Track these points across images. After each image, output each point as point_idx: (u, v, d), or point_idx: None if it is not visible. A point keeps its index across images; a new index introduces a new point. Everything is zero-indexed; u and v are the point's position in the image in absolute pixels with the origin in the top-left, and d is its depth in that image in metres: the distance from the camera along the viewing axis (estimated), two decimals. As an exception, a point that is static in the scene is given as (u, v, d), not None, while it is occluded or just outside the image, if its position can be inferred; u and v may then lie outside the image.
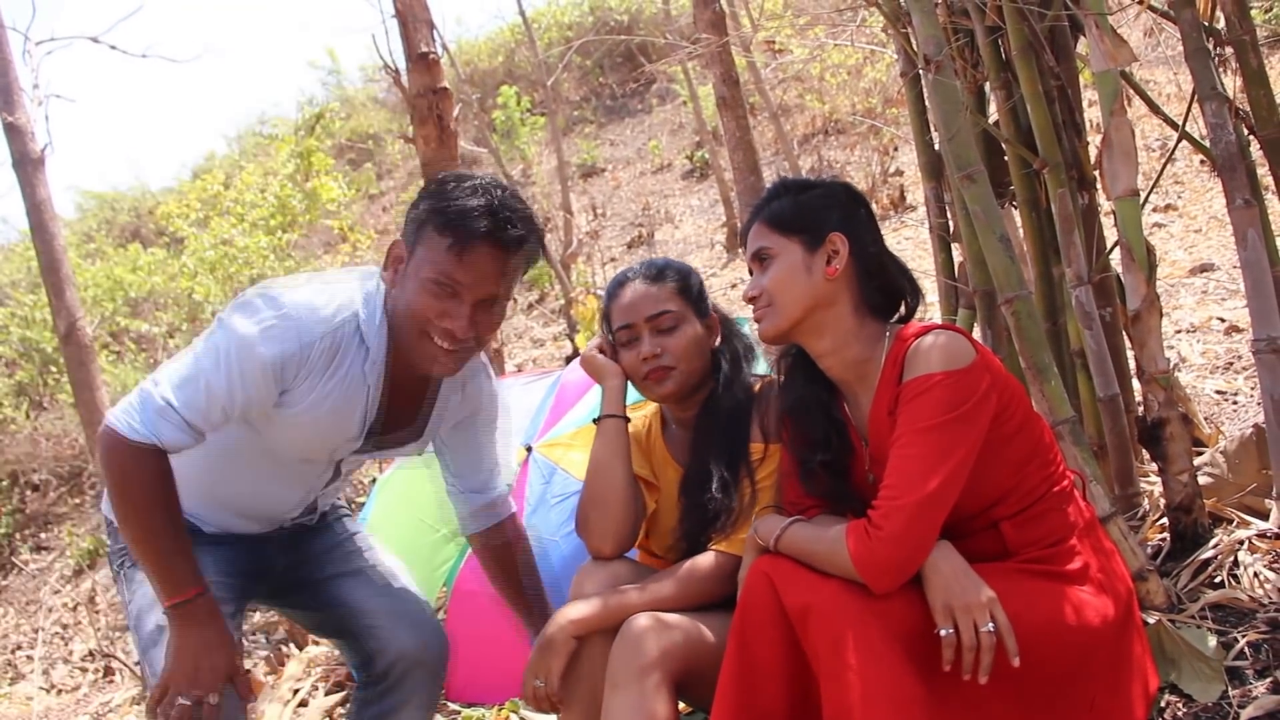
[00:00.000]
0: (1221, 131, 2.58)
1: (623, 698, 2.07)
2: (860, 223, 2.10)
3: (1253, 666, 2.15)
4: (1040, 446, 2.04)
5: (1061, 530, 2.02)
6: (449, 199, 2.05)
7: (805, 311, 2.07)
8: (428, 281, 2.06)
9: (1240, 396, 4.18)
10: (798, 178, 2.16)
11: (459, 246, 2.03)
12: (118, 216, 18.58)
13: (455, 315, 2.06)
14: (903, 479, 1.89)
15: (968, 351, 1.95)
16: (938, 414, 1.89)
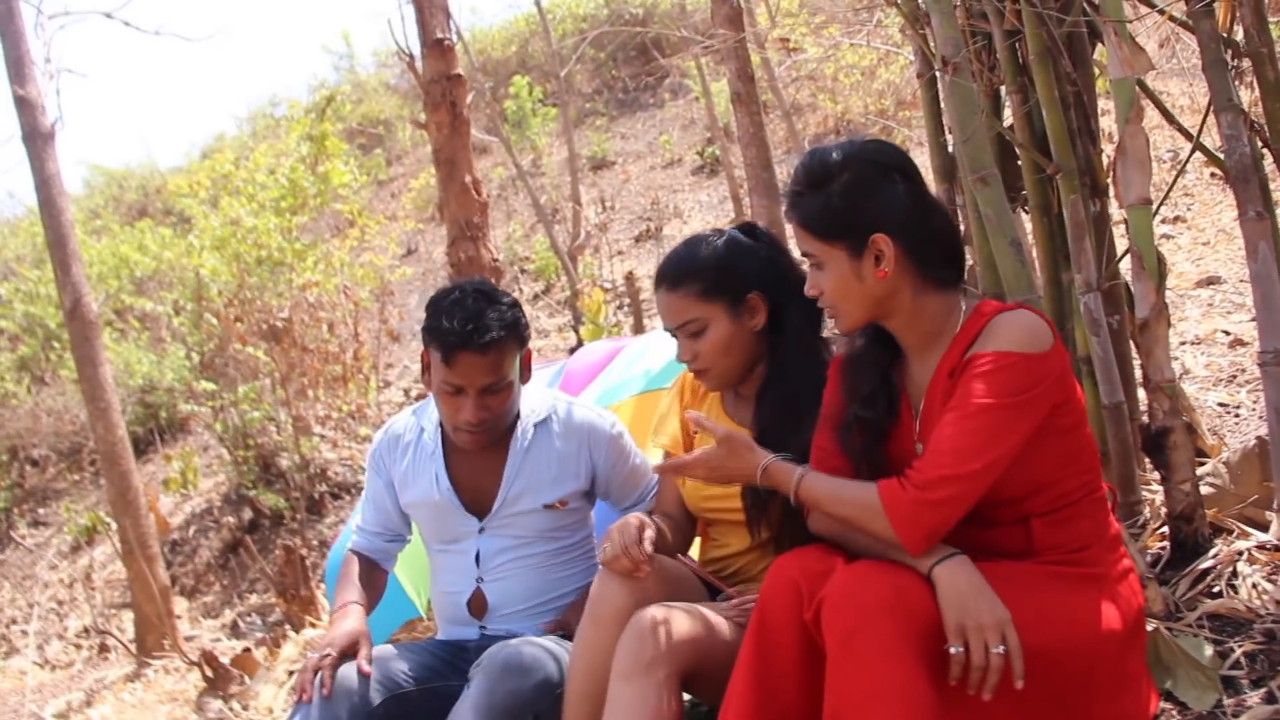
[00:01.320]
0: (1236, 143, 2.58)
1: (629, 690, 2.06)
2: (899, 204, 1.99)
3: (1248, 676, 2.15)
4: (1086, 450, 2.02)
5: (1088, 538, 2.00)
6: (434, 318, 2.50)
7: (868, 312, 2.05)
8: (437, 389, 2.53)
9: (1242, 410, 4.18)
10: (821, 159, 2.03)
11: (447, 359, 2.47)
12: (125, 194, 18.59)
13: (464, 408, 2.51)
14: (956, 449, 1.87)
15: (1047, 337, 1.93)
16: (1005, 394, 1.87)
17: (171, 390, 10.71)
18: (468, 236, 5.14)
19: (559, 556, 2.70)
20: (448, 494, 2.65)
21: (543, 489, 2.65)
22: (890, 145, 2.08)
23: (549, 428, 2.69)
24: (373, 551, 2.78)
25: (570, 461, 2.68)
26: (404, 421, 2.79)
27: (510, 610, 2.66)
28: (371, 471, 2.78)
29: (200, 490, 10.36)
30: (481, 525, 2.66)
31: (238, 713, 3.92)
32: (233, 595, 8.47)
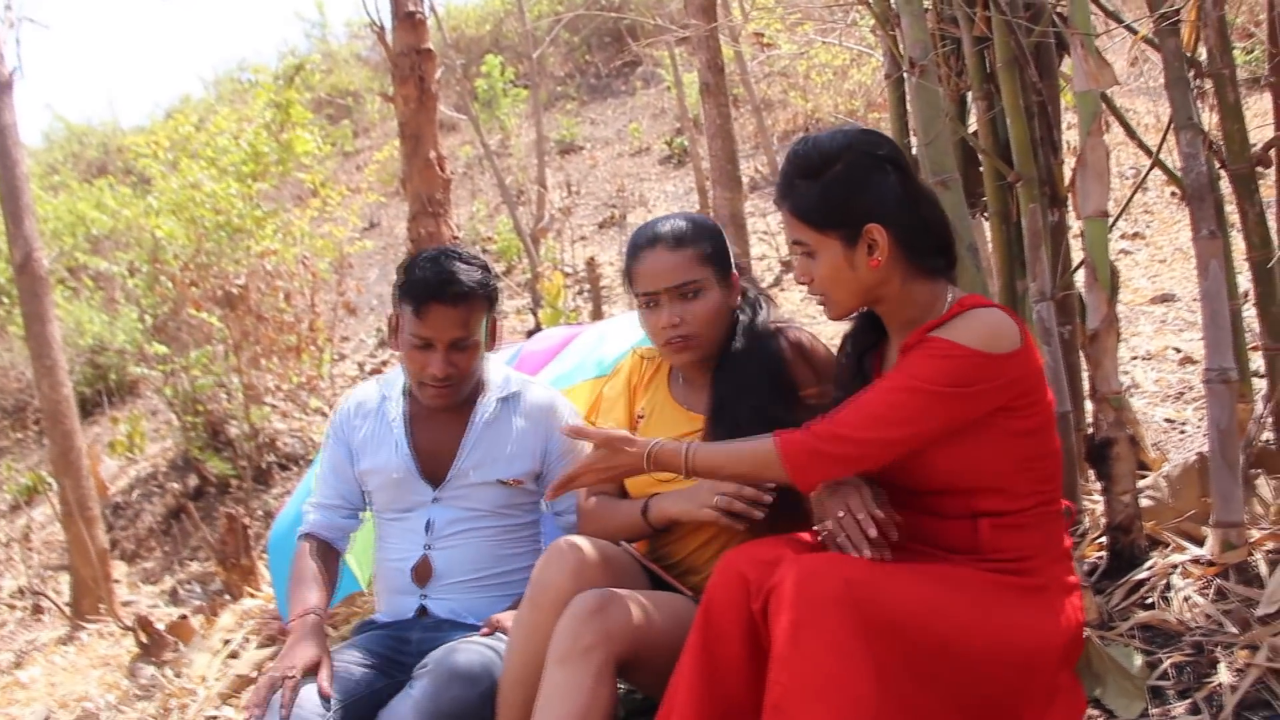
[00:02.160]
0: (1194, 162, 2.61)
1: (564, 674, 2.07)
2: (892, 194, 2.01)
3: (1174, 687, 2.18)
4: (1047, 459, 2.04)
5: (1036, 549, 2.02)
6: (410, 274, 2.60)
7: (859, 299, 2.09)
8: (408, 343, 2.60)
9: (1188, 426, 4.23)
10: (816, 148, 2.04)
11: (419, 310, 2.56)
12: (85, 151, 18.33)
13: (432, 363, 2.58)
14: (864, 415, 1.92)
15: (1011, 340, 1.94)
16: (937, 381, 1.90)
17: (122, 352, 10.57)
18: (429, 212, 5.11)
19: (508, 534, 2.70)
20: (407, 459, 2.67)
21: (498, 464, 2.67)
22: (882, 135, 2.10)
23: (512, 405, 2.73)
24: (329, 530, 2.74)
25: (528, 440, 2.70)
26: (367, 390, 2.83)
27: (453, 580, 2.65)
28: (332, 439, 2.78)
29: (146, 455, 10.24)
30: (436, 494, 2.66)
31: (170, 680, 3.88)
32: (174, 562, 8.38)
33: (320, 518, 2.75)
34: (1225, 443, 2.49)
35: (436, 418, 2.71)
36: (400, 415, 2.72)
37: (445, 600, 2.65)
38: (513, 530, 2.72)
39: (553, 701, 2.06)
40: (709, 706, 1.91)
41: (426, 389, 2.63)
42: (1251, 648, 2.19)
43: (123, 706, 3.71)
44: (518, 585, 2.66)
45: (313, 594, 2.56)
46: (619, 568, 2.33)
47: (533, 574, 2.28)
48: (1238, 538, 2.47)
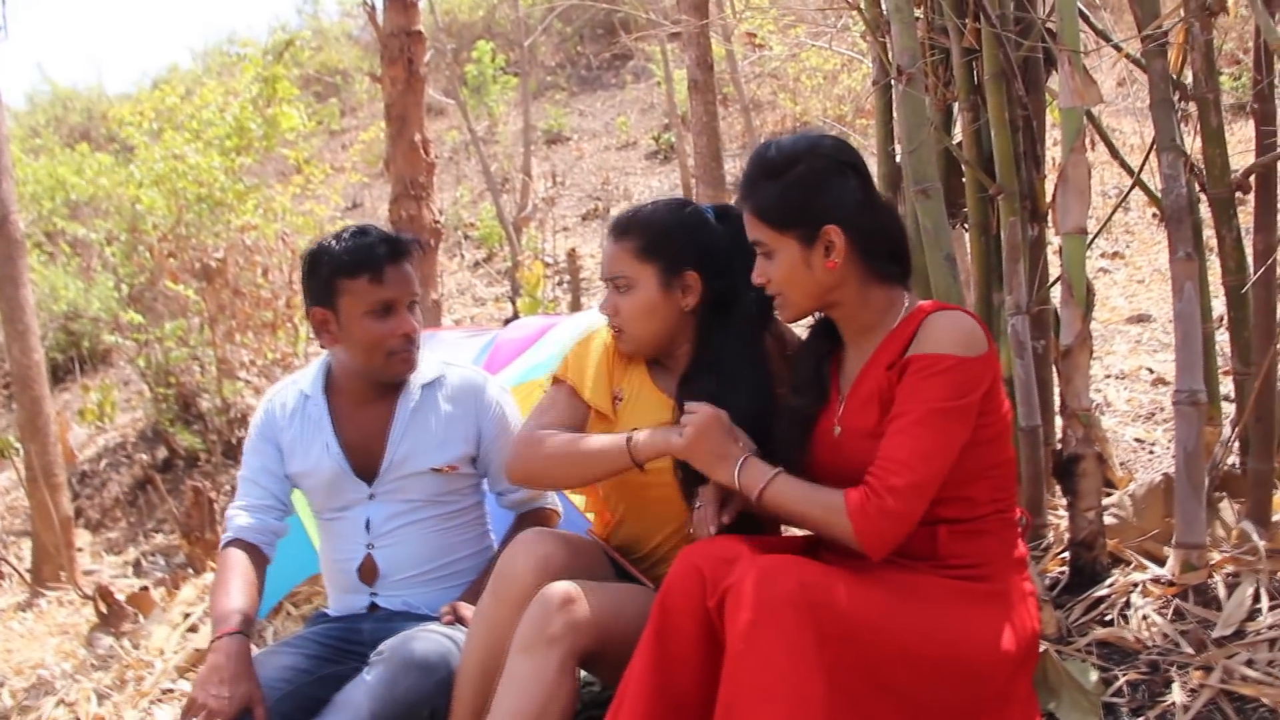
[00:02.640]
0: (1174, 183, 2.61)
1: (528, 663, 2.06)
2: (851, 198, 2.03)
3: (1128, 705, 2.20)
4: (1001, 467, 2.06)
5: (992, 556, 2.04)
6: (342, 253, 2.52)
7: (815, 301, 2.10)
8: (367, 315, 2.51)
9: (1158, 447, 4.25)
10: (778, 150, 2.06)
11: (378, 276, 2.50)
12: (69, 115, 18.18)
13: (400, 324, 2.53)
14: (910, 456, 1.91)
15: (982, 341, 1.97)
16: (948, 397, 1.91)
17: (97, 320, 10.50)
18: (411, 195, 5.09)
19: (450, 522, 2.68)
20: (338, 459, 2.61)
21: (430, 451, 2.62)
22: (844, 142, 2.13)
23: (436, 390, 2.68)
24: (260, 534, 2.61)
25: (457, 425, 2.66)
26: (286, 390, 2.74)
27: (401, 576, 2.64)
28: (259, 440, 2.68)
29: (116, 424, 10.19)
30: (371, 491, 2.63)
31: (128, 651, 3.86)
32: (138, 533, 8.34)
33: (252, 521, 2.61)
34: (1191, 464, 2.50)
35: (361, 412, 2.64)
36: (325, 414, 2.65)
37: (396, 595, 2.64)
38: (455, 517, 2.70)
39: (514, 690, 2.05)
40: (660, 701, 1.91)
41: (395, 358, 2.56)
42: (1206, 669, 2.20)
43: (78, 676, 3.68)
44: (468, 573, 2.68)
45: (238, 610, 2.42)
46: (584, 560, 2.32)
47: (497, 566, 2.27)
48: (1198, 559, 2.48)
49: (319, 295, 2.55)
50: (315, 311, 2.58)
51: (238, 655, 2.31)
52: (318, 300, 2.56)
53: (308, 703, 2.37)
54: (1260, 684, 2.13)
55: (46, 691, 3.61)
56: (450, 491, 2.67)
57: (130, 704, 3.25)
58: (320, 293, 2.55)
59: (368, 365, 2.58)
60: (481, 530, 2.75)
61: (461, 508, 2.71)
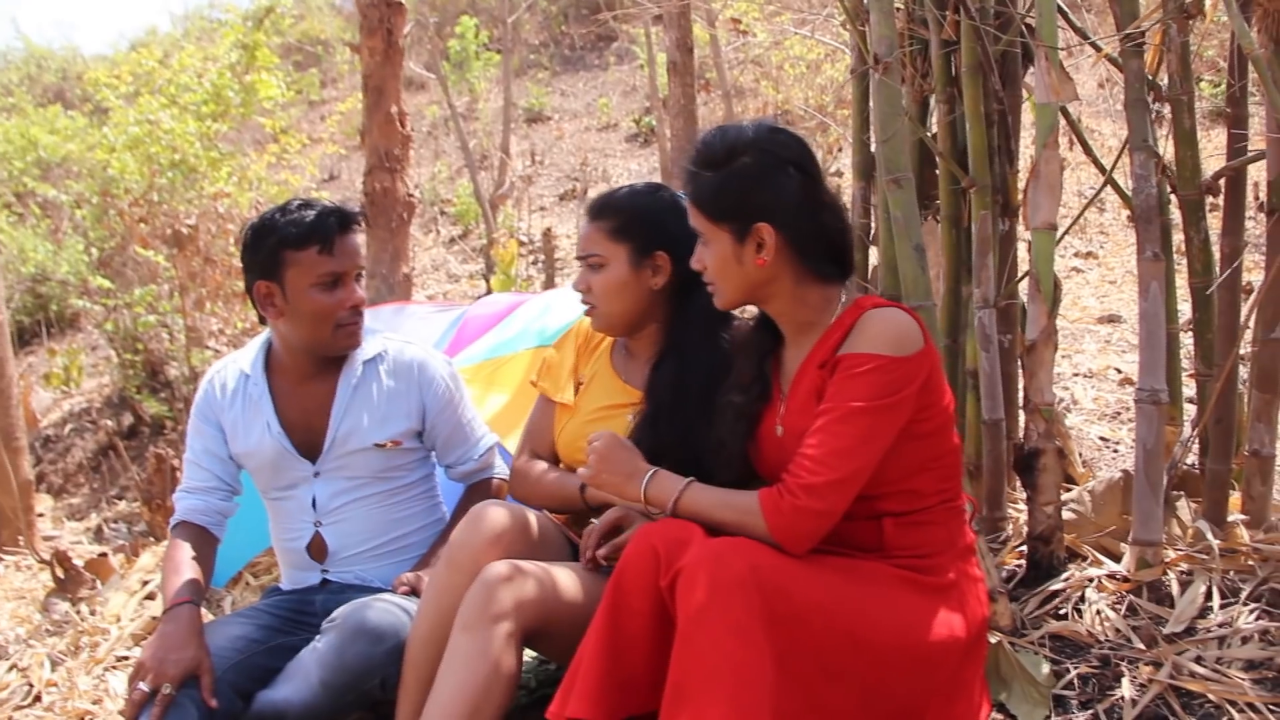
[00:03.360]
0: (1145, 183, 2.63)
1: (470, 641, 2.05)
2: (789, 196, 2.01)
3: (1078, 697, 2.21)
4: (945, 458, 2.06)
5: (939, 545, 2.04)
6: (288, 225, 2.47)
7: (745, 295, 2.09)
8: (315, 288, 2.48)
9: (1121, 446, 4.29)
10: (722, 140, 2.05)
11: (327, 247, 2.47)
12: (43, 75, 18.00)
13: (348, 295, 2.51)
14: (827, 454, 1.90)
15: (916, 339, 1.95)
16: (872, 396, 1.90)
17: (65, 283, 10.42)
18: (385, 167, 5.06)
19: (397, 496, 2.66)
20: (280, 438, 2.58)
21: (372, 427, 2.60)
22: (792, 136, 2.09)
23: (378, 365, 2.64)
24: (206, 515, 2.60)
25: (400, 400, 2.63)
26: (226, 369, 2.70)
27: (351, 553, 2.62)
28: (200, 421, 2.65)
29: (82, 390, 10.11)
30: (316, 469, 2.60)
31: (84, 617, 3.84)
32: (101, 500, 8.29)
33: (196, 503, 2.60)
34: (1150, 462, 2.52)
35: (303, 390, 2.61)
36: (265, 393, 2.61)
37: (348, 570, 2.63)
38: (402, 491, 2.67)
39: (456, 667, 2.05)
40: (611, 678, 1.91)
41: (342, 330, 2.53)
42: (1156, 664, 2.23)
43: (32, 641, 3.66)
44: (419, 547, 2.67)
45: (188, 583, 2.41)
46: (540, 536, 2.33)
47: (452, 535, 2.28)
48: (1154, 556, 2.50)
49: (264, 268, 2.50)
50: (259, 285, 2.52)
51: (187, 623, 2.31)
52: (263, 273, 2.51)
53: (258, 672, 2.36)
54: (1207, 680, 2.15)
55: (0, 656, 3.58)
56: (395, 467, 2.65)
57: (84, 670, 3.23)
58: (265, 265, 2.50)
59: (314, 339, 2.54)
60: (432, 503, 2.74)
61: (408, 482, 2.69)
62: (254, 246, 2.52)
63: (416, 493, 2.71)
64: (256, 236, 2.52)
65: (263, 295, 2.52)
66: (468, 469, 2.76)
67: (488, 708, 2.04)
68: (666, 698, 1.83)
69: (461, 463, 2.75)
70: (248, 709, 2.32)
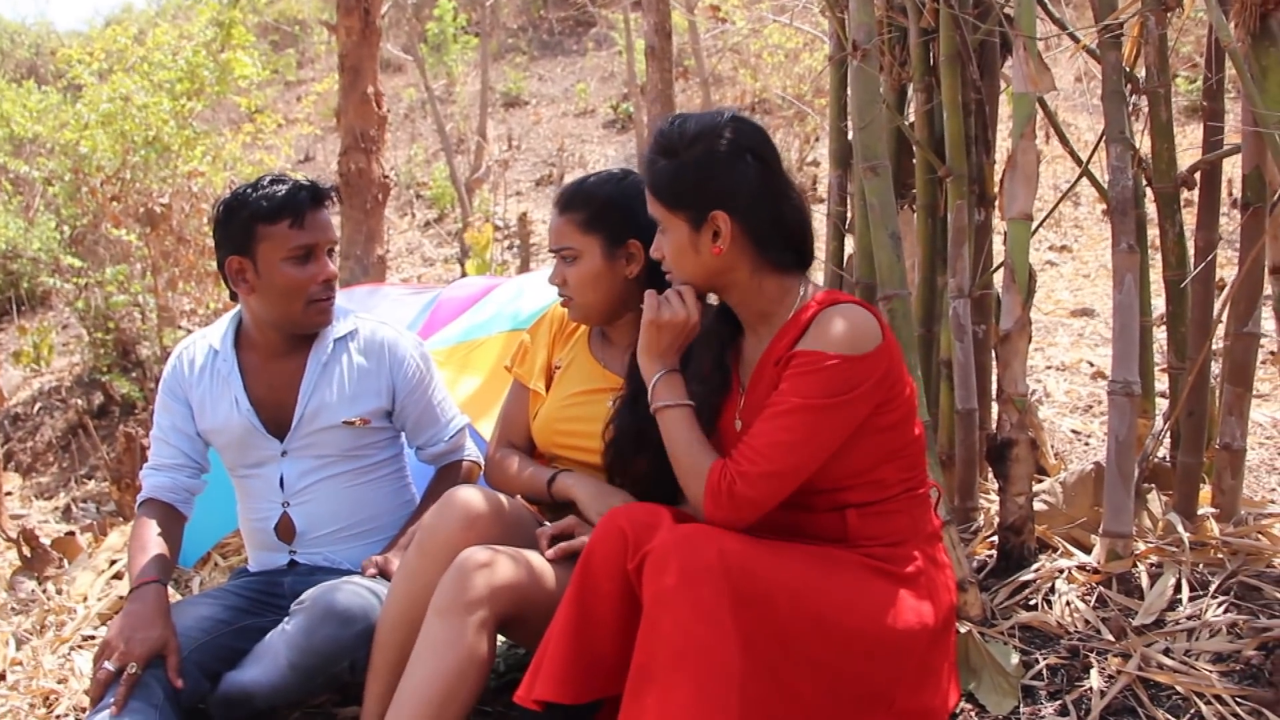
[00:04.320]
0: (1121, 175, 2.63)
1: (444, 627, 2.04)
2: (745, 185, 2.01)
3: (1047, 688, 2.22)
4: (908, 448, 2.06)
5: (905, 533, 2.05)
6: (260, 200, 2.47)
7: (702, 283, 2.09)
8: (287, 261, 2.47)
9: (1093, 439, 4.31)
10: (680, 128, 2.05)
11: (299, 220, 2.47)
12: (16, 50, 17.78)
13: (320, 270, 2.50)
14: (768, 447, 1.91)
15: (873, 336, 1.95)
16: (820, 395, 1.90)
17: (36, 261, 10.30)
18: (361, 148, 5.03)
19: (365, 476, 2.65)
20: (248, 415, 2.57)
21: (341, 404, 2.58)
22: (751, 125, 2.08)
23: (348, 344, 2.63)
24: (174, 492, 2.59)
25: (370, 378, 2.62)
26: (194, 346, 2.68)
27: (320, 533, 2.61)
28: (168, 398, 2.63)
29: (53, 368, 10.02)
30: (284, 448, 2.59)
31: (51, 596, 3.80)
32: (70, 479, 8.21)
33: (164, 480, 2.59)
34: (1122, 454, 2.52)
35: (272, 367, 2.60)
36: (234, 369, 2.60)
37: (316, 551, 2.62)
38: (370, 471, 2.66)
39: (430, 654, 2.04)
40: (578, 659, 1.91)
41: (315, 305, 2.52)
42: (1124, 656, 2.23)
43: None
44: (388, 528, 2.66)
45: (154, 561, 2.41)
46: (513, 522, 2.32)
47: (423, 519, 2.27)
48: (1124, 548, 2.51)
49: (236, 243, 2.50)
50: (232, 260, 2.51)
51: (154, 602, 2.30)
52: (235, 248, 2.50)
53: (226, 653, 2.34)
54: (1175, 672, 2.16)
55: (-36, 634, 3.54)
56: (364, 446, 2.63)
57: (50, 649, 3.20)
58: (238, 240, 2.49)
59: (286, 314, 2.53)
60: (401, 484, 2.73)
61: (377, 462, 2.67)
62: (226, 221, 2.51)
63: (385, 473, 2.69)
64: (228, 211, 2.51)
65: (234, 270, 2.51)
66: (438, 450, 2.74)
67: (461, 694, 2.03)
68: (631, 679, 1.83)
69: (432, 444, 2.73)
70: (214, 690, 2.31)
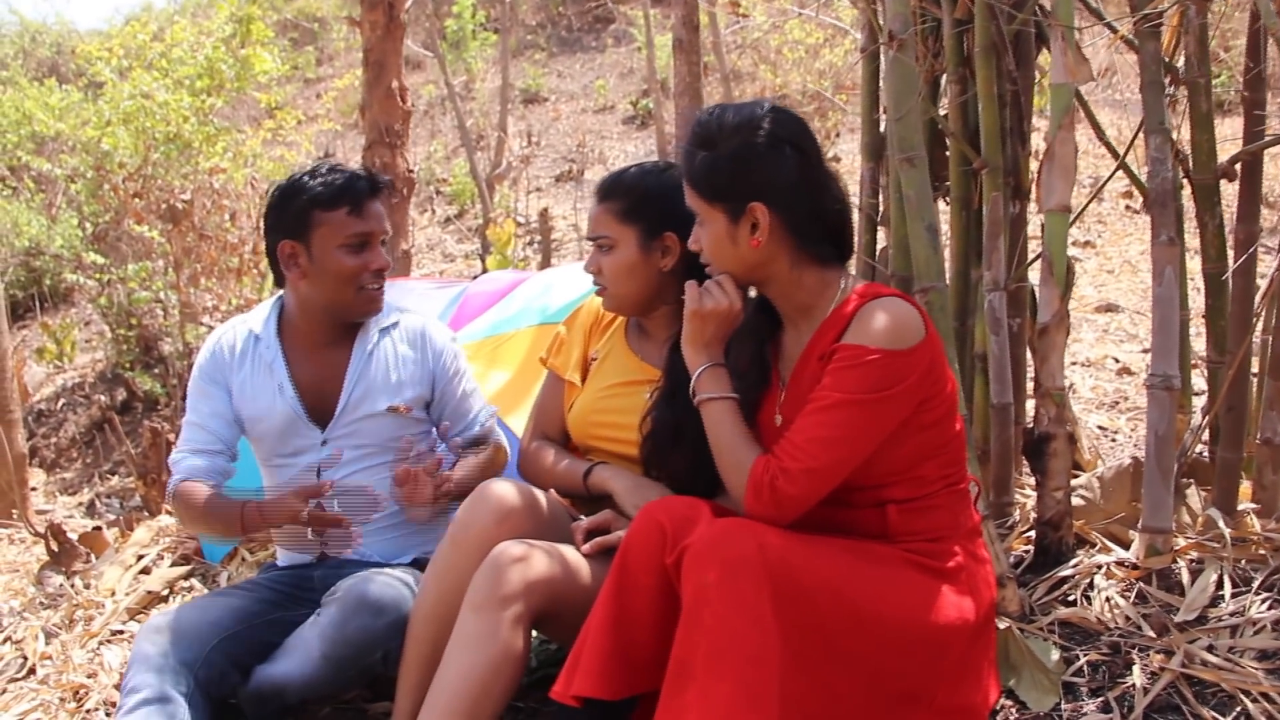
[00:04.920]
0: (1160, 166, 2.60)
1: (480, 622, 2.03)
2: (784, 177, 1.98)
3: (1088, 684, 2.19)
4: (952, 443, 2.04)
5: (945, 529, 2.02)
6: (319, 186, 2.49)
7: (741, 275, 2.07)
8: (342, 249, 2.49)
9: (1120, 435, 4.28)
10: (718, 119, 2.02)
11: (356, 209, 2.49)
12: (37, 50, 17.85)
13: (375, 259, 2.52)
14: (810, 443, 1.89)
15: (916, 331, 1.92)
16: (863, 390, 1.88)
17: (59, 258, 10.34)
18: (386, 143, 5.02)
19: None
20: (293, 402, 2.57)
21: (385, 391, 2.59)
22: (791, 116, 2.05)
23: (393, 333, 2.65)
24: (210, 475, 2.55)
25: (412, 366, 2.64)
26: (234, 331, 2.66)
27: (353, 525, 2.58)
28: (207, 384, 2.60)
29: (76, 365, 10.06)
30: (324, 436, 2.58)
31: (79, 590, 3.80)
32: (94, 475, 8.25)
33: (201, 463, 2.55)
34: (1161, 449, 2.49)
35: (316, 355, 2.60)
36: (278, 355, 2.59)
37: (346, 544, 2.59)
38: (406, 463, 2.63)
39: (465, 649, 2.03)
40: (617, 655, 1.89)
41: (365, 294, 2.53)
42: (1167, 652, 2.20)
43: (26, 614, 3.61)
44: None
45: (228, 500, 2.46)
46: (546, 516, 2.30)
47: (456, 513, 2.25)
48: (1163, 544, 2.48)
49: (290, 228, 2.51)
50: (284, 245, 2.52)
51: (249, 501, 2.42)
52: (288, 233, 2.51)
53: (256, 646, 2.34)
54: (1220, 669, 2.13)
55: (-8, 628, 3.54)
56: (403, 436, 2.62)
57: (79, 644, 3.19)
58: (292, 225, 2.50)
59: (337, 301, 2.54)
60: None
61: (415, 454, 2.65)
62: (281, 206, 2.53)
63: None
64: (284, 196, 2.53)
65: (286, 255, 2.52)
66: (471, 435, 2.74)
67: (496, 690, 2.02)
68: (670, 674, 1.81)
69: (467, 429, 2.72)
70: (245, 683, 2.30)
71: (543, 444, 2.55)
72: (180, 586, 3.56)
